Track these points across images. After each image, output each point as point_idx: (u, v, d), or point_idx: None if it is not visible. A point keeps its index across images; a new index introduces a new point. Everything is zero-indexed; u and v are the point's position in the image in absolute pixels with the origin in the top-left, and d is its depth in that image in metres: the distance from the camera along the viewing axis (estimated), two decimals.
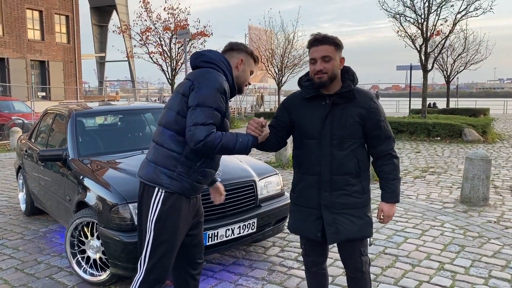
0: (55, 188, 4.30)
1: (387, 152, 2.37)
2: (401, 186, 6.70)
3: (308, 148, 2.35)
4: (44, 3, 27.81)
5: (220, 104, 2.25)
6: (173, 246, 2.39)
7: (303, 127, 2.36)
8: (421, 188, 6.75)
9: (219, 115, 2.25)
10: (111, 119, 5.27)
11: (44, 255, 4.17)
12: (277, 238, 4.43)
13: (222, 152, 2.28)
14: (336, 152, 2.29)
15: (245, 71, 2.46)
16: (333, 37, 2.26)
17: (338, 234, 2.34)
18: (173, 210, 2.33)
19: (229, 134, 2.26)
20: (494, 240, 4.35)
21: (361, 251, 2.42)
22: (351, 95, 2.27)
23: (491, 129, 13.47)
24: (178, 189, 2.32)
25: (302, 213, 2.43)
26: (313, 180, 2.35)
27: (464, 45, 23.25)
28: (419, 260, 3.87)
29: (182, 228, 2.41)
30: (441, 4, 13.63)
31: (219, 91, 2.25)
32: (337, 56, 2.26)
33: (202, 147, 2.18)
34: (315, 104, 2.32)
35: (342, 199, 2.32)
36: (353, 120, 2.27)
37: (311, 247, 2.51)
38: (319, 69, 2.22)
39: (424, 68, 14.39)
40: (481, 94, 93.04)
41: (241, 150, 2.26)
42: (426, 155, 10.13)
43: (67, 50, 29.68)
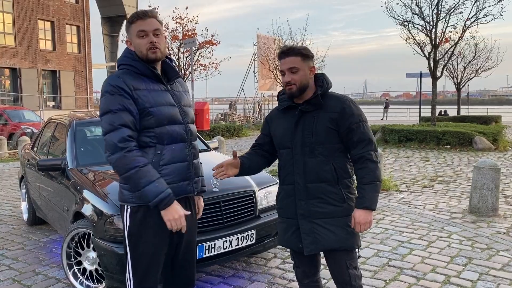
0: (54, 198, 4.27)
1: (361, 155, 2.25)
2: (409, 196, 6.66)
3: (283, 158, 2.38)
4: (56, 14, 28.25)
5: (121, 102, 2.09)
6: (153, 259, 2.28)
7: (277, 137, 2.40)
8: (428, 198, 6.61)
9: (127, 113, 2.10)
10: None
11: (43, 266, 4.13)
12: (279, 249, 4.34)
13: (129, 180, 2.09)
14: (308, 159, 2.28)
15: (134, 41, 2.20)
16: (299, 48, 2.28)
17: (316, 244, 2.28)
18: (142, 222, 2.23)
19: (152, 171, 2.09)
20: (503, 252, 4.21)
21: (347, 264, 2.32)
22: (318, 101, 2.26)
23: (502, 137, 13.22)
24: (139, 200, 2.19)
25: (284, 224, 2.41)
26: (289, 190, 2.35)
27: (475, 52, 23.00)
28: (424, 273, 3.74)
29: (157, 240, 2.25)
30: (449, 11, 13.51)
31: (111, 93, 2.12)
32: (305, 66, 2.27)
33: (118, 159, 2.07)
34: (288, 114, 2.36)
35: (319, 207, 2.27)
36: (324, 126, 2.25)
37: (299, 259, 2.46)
38: (287, 81, 2.26)
39: (433, 76, 14.22)
40: (494, 101, 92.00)
41: (146, 196, 2.08)
42: (435, 163, 9.96)
43: (78, 60, 30.07)
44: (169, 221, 2.14)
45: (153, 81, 2.24)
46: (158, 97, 2.21)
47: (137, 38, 2.18)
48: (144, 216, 2.23)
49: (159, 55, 2.20)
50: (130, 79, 2.18)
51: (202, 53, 18.48)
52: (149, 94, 2.19)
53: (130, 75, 2.20)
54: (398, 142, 13.42)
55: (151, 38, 2.16)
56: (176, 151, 2.25)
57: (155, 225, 2.23)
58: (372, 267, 3.89)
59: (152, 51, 2.17)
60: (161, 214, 2.17)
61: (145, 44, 2.17)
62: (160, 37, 2.21)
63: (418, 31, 14.04)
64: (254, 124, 26.82)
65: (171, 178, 2.21)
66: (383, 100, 46.50)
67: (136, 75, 2.21)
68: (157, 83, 2.26)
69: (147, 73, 2.22)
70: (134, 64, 2.21)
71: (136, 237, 2.25)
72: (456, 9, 13.47)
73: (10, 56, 25.46)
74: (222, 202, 3.42)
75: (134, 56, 2.23)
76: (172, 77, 2.34)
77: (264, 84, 29.59)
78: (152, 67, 2.22)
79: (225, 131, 18.76)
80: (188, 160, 2.30)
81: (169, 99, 2.26)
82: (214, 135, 16.67)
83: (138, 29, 2.17)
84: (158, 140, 2.21)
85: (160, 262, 2.33)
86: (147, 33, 2.16)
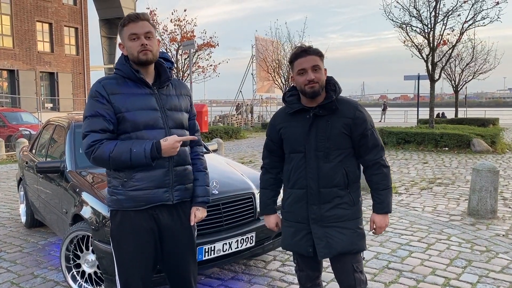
0: (53, 200, 4.26)
1: (376, 161, 2.29)
2: (407, 198, 6.67)
3: (295, 162, 2.33)
4: (54, 16, 28.22)
5: (95, 108, 2.15)
6: (134, 260, 2.25)
7: (289, 141, 2.35)
8: (427, 200, 6.61)
9: (100, 118, 2.14)
10: None
11: (41, 268, 4.11)
12: (278, 252, 4.33)
13: (119, 164, 2.13)
14: (322, 164, 2.25)
15: (126, 45, 2.21)
16: (317, 48, 2.27)
17: (329, 248, 2.27)
18: (120, 226, 2.25)
19: (121, 144, 2.12)
20: (502, 255, 4.21)
21: (354, 267, 2.32)
22: (333, 106, 2.23)
23: (500, 139, 13.27)
24: (116, 204, 2.23)
25: (292, 228, 2.37)
26: (301, 194, 2.31)
27: (472, 55, 23.12)
28: (423, 276, 3.74)
29: (136, 242, 2.23)
30: (447, 14, 13.57)
31: (91, 98, 2.19)
32: (322, 66, 2.26)
33: (92, 161, 2.14)
34: (299, 118, 2.31)
35: (331, 211, 2.27)
36: (338, 131, 2.23)
37: (304, 262, 2.44)
38: (312, 78, 2.19)
39: (431, 78, 14.27)
40: (491, 103, 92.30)
41: (139, 160, 2.10)
42: (433, 165, 9.98)
43: (76, 62, 30.03)
44: (174, 151, 2.15)
45: (137, 84, 2.23)
46: (137, 101, 2.20)
47: (129, 41, 2.19)
48: (121, 219, 2.25)
49: (150, 57, 2.19)
50: (112, 84, 2.20)
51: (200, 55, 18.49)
52: (127, 98, 2.19)
53: (116, 79, 2.23)
54: (396, 144, 13.45)
55: (143, 40, 2.16)
56: None
57: (132, 228, 2.23)
58: (371, 269, 3.88)
59: (144, 53, 2.17)
60: (137, 217, 2.21)
61: (136, 47, 2.17)
62: (152, 40, 2.20)
63: (416, 34, 14.12)
64: (252, 126, 26.82)
65: (143, 184, 2.19)
66: (381, 102, 46.60)
67: (123, 78, 2.23)
68: (142, 86, 2.24)
69: (131, 77, 2.22)
70: (121, 67, 2.23)
71: (116, 240, 2.28)
72: (454, 12, 13.55)
73: (8, 58, 25.41)
74: (222, 204, 3.41)
75: (123, 60, 2.24)
76: (163, 80, 2.30)
77: (262, 86, 29.62)
78: (135, 70, 2.21)
79: (223, 133, 18.77)
80: (166, 166, 2.22)
81: (151, 103, 2.22)
82: (213, 137, 16.67)
83: (130, 32, 2.18)
84: None
85: (143, 265, 2.27)
86: (138, 36, 2.17)
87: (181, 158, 2.29)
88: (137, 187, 2.19)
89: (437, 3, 13.49)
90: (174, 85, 2.37)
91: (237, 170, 4.04)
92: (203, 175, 2.43)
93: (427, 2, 13.63)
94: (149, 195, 2.20)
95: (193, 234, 2.45)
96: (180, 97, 2.37)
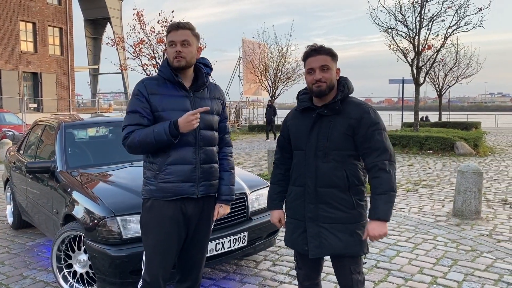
0: (43, 201, 4.23)
1: (374, 163, 2.22)
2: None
3: (297, 160, 2.37)
4: (37, 15, 27.85)
5: (134, 105, 2.40)
6: (160, 249, 2.43)
7: (293, 138, 2.39)
8: (413, 201, 6.73)
9: (137, 115, 2.38)
10: (101, 131, 5.22)
11: (30, 269, 4.07)
12: (269, 252, 4.37)
13: (147, 146, 2.34)
14: (320, 163, 2.26)
15: (167, 50, 2.43)
16: (329, 47, 2.28)
17: (320, 249, 2.28)
18: (149, 214, 2.45)
19: (146, 129, 2.34)
20: (486, 254, 4.32)
21: (351, 270, 2.33)
22: (337, 106, 2.24)
23: (482, 143, 13.54)
24: (148, 193, 2.45)
25: (291, 225, 2.41)
26: (299, 192, 2.34)
27: (456, 59, 23.56)
28: (411, 274, 3.82)
29: (162, 229, 2.42)
30: (432, 19, 13.81)
31: (133, 95, 2.45)
32: (334, 66, 2.27)
33: (128, 149, 2.39)
34: (306, 116, 2.33)
35: (327, 212, 2.26)
36: (340, 132, 2.23)
37: (303, 261, 2.45)
38: (318, 78, 2.21)
39: (416, 82, 14.50)
40: (473, 108, 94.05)
41: (162, 138, 2.30)
42: (418, 168, 10.14)
43: (60, 62, 29.67)
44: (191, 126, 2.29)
45: (175, 87, 2.44)
46: (173, 102, 2.41)
47: (169, 47, 2.42)
48: (150, 207, 2.45)
49: (182, 64, 2.39)
50: (153, 84, 2.44)
51: None
52: (164, 99, 2.40)
53: (158, 80, 2.46)
54: None
55: (178, 48, 2.37)
56: (182, 154, 2.41)
57: (159, 215, 2.43)
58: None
59: (177, 60, 2.38)
60: (165, 206, 2.41)
61: (172, 53, 2.39)
62: (188, 48, 2.39)
63: (401, 38, 14.32)
64: (239, 129, 26.84)
65: (172, 178, 2.40)
66: None
67: (163, 80, 2.45)
68: (179, 89, 2.44)
69: (171, 79, 2.43)
70: (163, 70, 2.46)
71: (145, 226, 2.48)
72: (438, 17, 13.78)
73: None
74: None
75: (166, 63, 2.45)
76: (199, 84, 2.49)
77: (249, 88, 29.69)
78: (175, 74, 2.41)
79: None
80: (194, 163, 2.43)
81: (185, 105, 2.41)
82: None
83: (170, 39, 2.40)
84: None
85: (168, 253, 2.46)
86: (175, 43, 2.38)
87: (208, 157, 2.49)
88: (167, 179, 2.40)
89: (422, 9, 13.73)
90: (209, 89, 2.56)
91: None
92: (228, 175, 2.63)
93: (412, 7, 13.87)
94: (177, 187, 2.41)
95: (210, 230, 2.64)
96: (214, 100, 2.55)
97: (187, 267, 2.61)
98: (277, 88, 26.34)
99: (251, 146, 16.38)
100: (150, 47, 18.00)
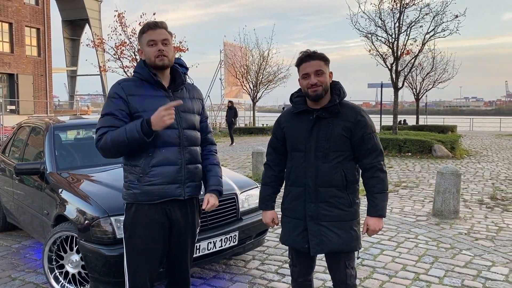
0: (30, 202, 4.21)
1: (373, 164, 2.37)
2: None
3: (296, 161, 2.44)
4: (14, 15, 27.31)
5: (110, 107, 2.34)
6: (144, 252, 2.40)
7: (291, 140, 2.45)
8: (394, 202, 6.92)
9: (112, 117, 2.32)
10: (90, 133, 5.21)
11: (19, 271, 4.06)
12: (257, 251, 4.46)
13: (120, 146, 2.27)
14: (321, 164, 2.36)
15: (145, 50, 2.38)
16: (322, 53, 2.38)
17: (321, 246, 2.38)
18: (135, 218, 2.40)
19: (119, 128, 2.29)
20: (465, 251, 4.51)
21: (346, 264, 2.45)
22: (336, 109, 2.35)
23: (459, 145, 13.93)
24: (131, 198, 2.39)
25: (290, 224, 2.48)
26: (299, 192, 2.42)
27: (432, 64, 24.19)
28: (395, 271, 3.97)
29: (148, 234, 2.38)
30: (410, 25, 14.16)
31: (109, 97, 2.40)
32: (327, 70, 2.37)
33: (101, 152, 2.34)
34: (303, 118, 2.42)
35: (327, 211, 2.37)
36: (338, 133, 2.34)
37: (299, 259, 2.54)
38: (314, 83, 2.31)
39: (395, 86, 14.83)
40: (448, 111, 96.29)
41: (134, 137, 2.23)
42: (398, 170, 10.40)
43: (37, 64, 29.13)
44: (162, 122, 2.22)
45: (154, 87, 2.40)
46: (154, 102, 2.34)
47: (147, 46, 2.36)
48: (135, 212, 2.40)
49: (166, 62, 2.37)
50: (131, 85, 2.38)
51: None
52: (145, 99, 2.35)
53: (134, 81, 2.41)
54: None
55: (159, 46, 2.33)
56: (167, 154, 2.37)
57: (145, 220, 2.38)
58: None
59: (160, 59, 2.34)
60: (151, 211, 2.37)
61: (153, 52, 2.34)
62: (169, 46, 2.38)
63: (381, 43, 14.64)
64: (220, 131, 26.84)
65: (158, 180, 2.35)
66: None
67: (140, 81, 2.40)
68: (158, 89, 2.41)
69: (149, 79, 2.39)
70: (139, 71, 2.41)
71: (129, 231, 2.43)
72: (416, 23, 14.15)
73: None
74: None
75: (142, 64, 2.41)
76: (178, 84, 2.46)
77: (230, 91, 29.72)
78: (153, 74, 2.36)
79: None
80: (179, 164, 2.40)
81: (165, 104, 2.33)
82: None
83: (148, 38, 2.35)
84: (149, 142, 2.32)
85: (155, 256, 2.43)
86: (156, 42, 2.34)
87: (192, 157, 2.47)
88: (152, 182, 2.34)
89: (401, 15, 14.07)
90: (187, 89, 2.54)
91: None
92: (216, 167, 2.61)
93: (391, 13, 14.20)
94: (163, 190, 2.36)
95: (196, 231, 2.61)
96: (193, 100, 2.54)
97: (175, 271, 2.58)
98: (258, 91, 26.51)
99: (234, 148, 16.45)
100: (132, 49, 17.91)
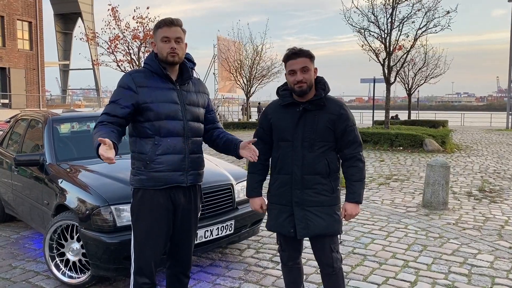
0: (31, 193, 4.30)
1: (353, 155, 2.57)
2: (367, 192, 7.12)
3: (283, 150, 2.59)
4: (5, 8, 27.08)
5: (118, 95, 2.47)
6: (152, 235, 2.53)
7: (279, 130, 2.60)
8: (385, 194, 7.09)
9: (118, 106, 2.43)
10: (89, 125, 5.29)
11: (19, 260, 4.15)
12: (252, 240, 4.59)
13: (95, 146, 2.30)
14: (307, 153, 2.52)
15: (158, 45, 2.50)
16: (308, 50, 2.52)
17: (307, 229, 2.54)
18: (140, 203, 2.54)
19: (103, 129, 2.33)
20: (453, 240, 4.67)
21: (331, 248, 2.61)
22: (321, 103, 2.51)
23: (449, 140, 14.14)
24: (138, 183, 2.53)
25: (276, 210, 2.63)
26: (286, 179, 2.57)
27: (424, 60, 24.39)
28: (385, 259, 4.12)
29: (153, 217, 2.52)
30: (403, 20, 14.34)
31: (119, 86, 2.51)
32: (312, 66, 2.52)
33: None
34: (290, 110, 2.57)
35: (312, 196, 2.53)
36: (323, 125, 2.51)
37: (286, 243, 2.70)
38: (300, 79, 2.46)
39: (387, 81, 15.00)
40: (440, 107, 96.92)
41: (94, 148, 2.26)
42: (389, 163, 10.57)
43: (29, 57, 28.94)
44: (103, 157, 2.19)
45: (162, 80, 2.53)
46: (162, 94, 2.50)
47: (161, 42, 2.49)
48: (142, 196, 2.54)
49: (176, 60, 2.51)
50: (141, 77, 2.51)
51: None
52: (153, 91, 2.48)
53: (144, 72, 2.53)
54: None
55: (173, 44, 2.47)
56: (172, 143, 2.51)
57: (151, 204, 2.52)
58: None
59: (172, 55, 2.48)
60: (156, 195, 2.51)
61: (166, 49, 2.47)
62: (181, 44, 2.52)
63: (374, 39, 14.79)
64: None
65: (163, 167, 2.50)
66: None
67: (150, 72, 2.53)
68: (167, 82, 2.54)
69: (158, 72, 2.52)
70: (150, 63, 2.54)
71: (136, 214, 2.57)
72: (408, 19, 14.32)
73: None
74: (204, 194, 3.61)
75: (153, 56, 2.54)
76: (185, 78, 2.60)
77: (224, 86, 29.80)
78: (163, 67, 2.50)
79: None
80: (183, 153, 2.54)
81: (173, 97, 2.52)
82: None
83: (163, 34, 2.48)
84: (156, 132, 2.49)
85: (160, 238, 2.56)
86: (169, 39, 2.47)
87: (195, 147, 2.63)
88: (158, 169, 2.49)
89: (393, 10, 14.23)
90: (194, 83, 2.67)
91: (214, 164, 4.26)
92: (232, 136, 2.74)
93: (384, 9, 14.35)
94: (168, 176, 2.51)
95: (198, 215, 2.76)
96: (199, 94, 2.68)
97: (178, 253, 2.73)
98: (252, 85, 26.59)
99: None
100: (125, 43, 17.90)
